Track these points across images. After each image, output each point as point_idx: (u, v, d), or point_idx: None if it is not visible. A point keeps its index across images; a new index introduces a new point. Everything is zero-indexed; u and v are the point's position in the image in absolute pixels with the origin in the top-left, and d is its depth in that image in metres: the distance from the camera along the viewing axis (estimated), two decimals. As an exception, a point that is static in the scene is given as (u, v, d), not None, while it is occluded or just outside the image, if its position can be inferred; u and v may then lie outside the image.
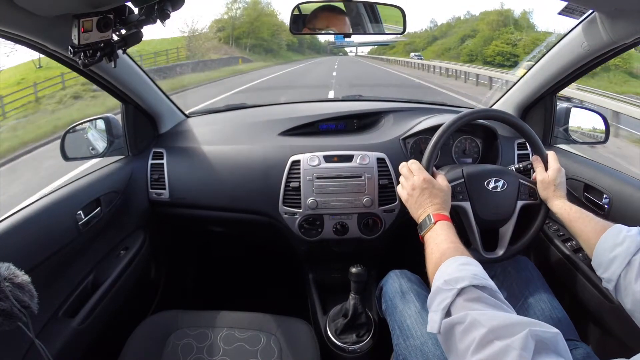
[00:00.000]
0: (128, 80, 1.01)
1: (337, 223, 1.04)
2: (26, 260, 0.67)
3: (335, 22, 0.94)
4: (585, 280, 0.89)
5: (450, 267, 0.56)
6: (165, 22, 0.65)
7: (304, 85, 12.43)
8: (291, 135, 1.19)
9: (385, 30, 0.96)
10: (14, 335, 0.56)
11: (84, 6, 0.56)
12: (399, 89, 12.08)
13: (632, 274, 0.59)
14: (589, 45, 0.85)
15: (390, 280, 0.90)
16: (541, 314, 0.78)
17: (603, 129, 1.11)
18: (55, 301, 0.80)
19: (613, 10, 0.73)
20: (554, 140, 1.17)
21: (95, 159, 1.09)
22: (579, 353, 0.70)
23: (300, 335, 0.86)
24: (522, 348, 0.39)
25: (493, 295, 0.50)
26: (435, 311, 0.52)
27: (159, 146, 1.17)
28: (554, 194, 0.79)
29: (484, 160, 1.14)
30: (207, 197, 1.12)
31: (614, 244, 0.63)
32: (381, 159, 1.05)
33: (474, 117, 0.86)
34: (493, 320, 0.43)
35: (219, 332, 0.86)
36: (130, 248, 1.04)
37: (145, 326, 0.87)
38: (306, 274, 1.23)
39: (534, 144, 0.86)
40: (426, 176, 0.76)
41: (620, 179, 0.91)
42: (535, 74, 1.09)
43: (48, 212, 0.80)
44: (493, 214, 0.84)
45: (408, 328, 0.77)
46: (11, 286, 0.54)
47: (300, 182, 1.03)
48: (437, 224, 0.68)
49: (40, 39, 0.66)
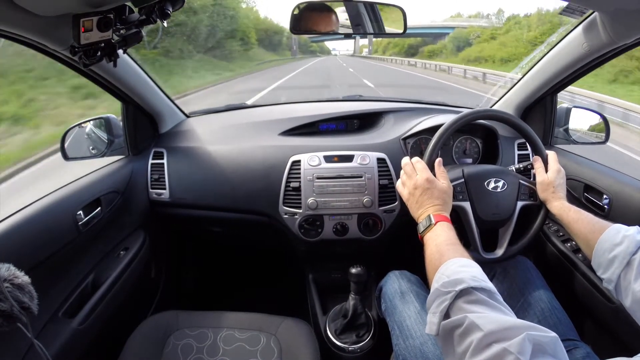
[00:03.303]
0: (128, 80, 1.01)
1: (337, 223, 1.04)
2: (26, 260, 0.67)
3: (335, 22, 0.94)
4: (585, 280, 0.89)
5: (450, 268, 0.56)
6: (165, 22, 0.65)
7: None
8: (291, 135, 1.19)
9: (386, 30, 0.96)
10: (13, 336, 0.55)
11: (84, 6, 0.56)
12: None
13: (631, 273, 0.59)
14: (589, 46, 0.85)
15: (390, 280, 0.90)
16: (541, 314, 0.78)
17: (603, 129, 1.11)
18: (55, 301, 0.80)
19: (613, 10, 0.73)
20: (554, 141, 1.17)
21: (95, 158, 1.09)
22: (579, 353, 0.71)
23: (300, 335, 0.85)
24: (519, 352, 0.39)
25: (492, 298, 0.50)
26: (433, 313, 0.52)
27: (159, 146, 1.17)
28: (554, 195, 0.79)
29: (484, 160, 1.14)
30: (208, 197, 1.12)
31: (613, 244, 0.63)
32: (381, 159, 1.05)
33: (474, 117, 0.86)
34: (491, 324, 0.43)
35: (219, 332, 0.86)
36: (130, 248, 1.04)
37: (145, 326, 0.87)
38: (306, 274, 1.23)
39: (534, 145, 0.86)
40: (429, 176, 0.75)
41: (620, 180, 0.91)
42: (535, 74, 1.09)
43: (48, 212, 0.80)
44: (493, 215, 0.84)
45: (407, 328, 0.77)
46: (11, 287, 0.54)
47: (300, 182, 1.03)
48: (437, 224, 0.68)
49: (40, 39, 0.66)
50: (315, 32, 0.94)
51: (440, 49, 34.56)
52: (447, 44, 34.13)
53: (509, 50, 21.23)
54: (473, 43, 28.04)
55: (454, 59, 25.34)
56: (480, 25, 33.69)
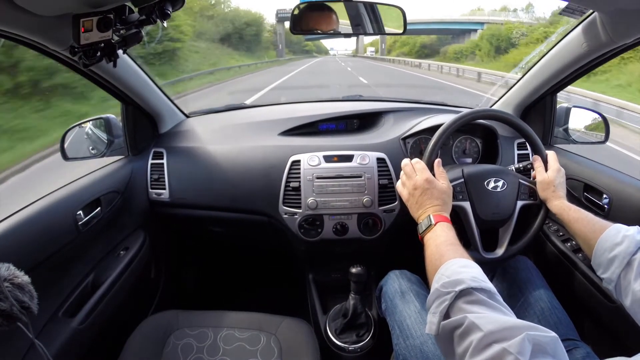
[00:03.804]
0: (128, 80, 1.01)
1: (337, 223, 1.04)
2: (26, 260, 0.67)
3: (335, 22, 0.94)
4: (585, 280, 0.89)
5: (449, 269, 0.56)
6: (165, 22, 0.65)
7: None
8: (291, 135, 1.19)
9: (386, 30, 0.96)
10: (13, 336, 0.55)
11: (84, 6, 0.56)
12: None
13: (631, 273, 0.59)
14: (589, 46, 0.85)
15: (390, 280, 0.90)
16: (541, 313, 0.78)
17: (603, 128, 1.11)
18: (55, 301, 0.80)
19: (613, 10, 0.73)
20: (554, 140, 1.17)
21: (95, 158, 1.09)
22: (579, 353, 0.71)
23: (300, 335, 0.85)
24: (519, 352, 0.39)
25: (491, 298, 0.50)
26: (433, 313, 0.52)
27: (159, 146, 1.17)
28: (554, 194, 0.79)
29: (484, 160, 1.14)
30: (207, 197, 1.12)
31: (613, 243, 0.63)
32: (381, 159, 1.05)
33: (474, 117, 0.86)
34: (490, 324, 0.43)
35: (219, 332, 0.86)
36: (130, 248, 1.04)
37: (145, 326, 0.87)
38: (306, 274, 1.23)
39: (533, 144, 0.86)
40: (428, 176, 0.75)
41: (620, 179, 0.91)
42: (535, 74, 1.09)
43: (48, 212, 0.80)
44: (493, 214, 0.84)
45: (408, 328, 0.77)
46: (11, 287, 0.54)
47: (300, 182, 1.03)
48: (437, 225, 0.68)
49: (40, 39, 0.66)
50: (315, 32, 0.94)
51: (471, 50, 26.48)
52: (480, 43, 25.45)
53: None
54: (517, 43, 21.04)
55: (494, 63, 18.96)
56: (521, 21, 25.89)
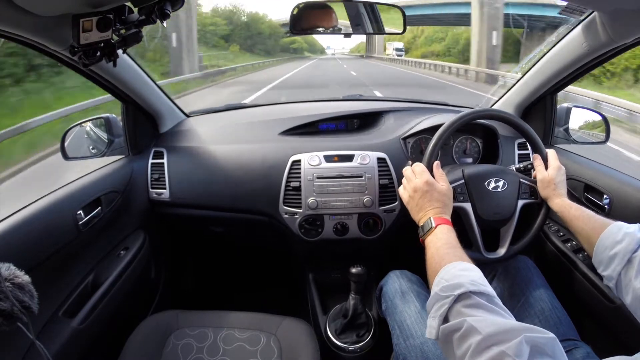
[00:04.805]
0: (128, 80, 1.01)
1: (338, 223, 1.04)
2: (26, 260, 0.67)
3: (335, 20, 0.94)
4: (585, 280, 0.89)
5: (449, 272, 0.56)
6: (165, 22, 0.65)
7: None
8: (292, 135, 1.19)
9: (386, 30, 0.97)
10: (14, 336, 0.55)
11: (84, 6, 0.56)
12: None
13: (632, 271, 0.59)
14: (589, 45, 0.85)
15: (390, 280, 0.90)
16: (541, 313, 0.79)
17: (604, 128, 1.11)
18: (55, 301, 0.80)
19: (613, 10, 0.73)
20: (555, 140, 1.17)
21: (95, 158, 1.09)
22: (579, 353, 0.71)
23: (300, 335, 0.85)
24: (516, 354, 0.39)
25: (490, 301, 0.50)
26: (433, 317, 0.53)
27: (159, 146, 1.17)
28: (554, 192, 0.79)
29: (485, 160, 1.14)
30: (208, 196, 1.12)
31: (614, 241, 0.63)
32: (382, 159, 1.05)
33: (474, 117, 0.86)
34: (489, 327, 0.44)
35: (219, 332, 0.86)
36: (130, 248, 1.04)
37: (145, 326, 0.87)
38: (306, 274, 1.23)
39: (533, 143, 0.86)
40: (428, 179, 0.75)
41: (621, 179, 0.91)
42: (535, 74, 1.09)
43: (48, 212, 0.80)
44: (494, 214, 0.83)
45: (408, 328, 0.77)
46: (11, 286, 0.54)
47: (300, 182, 1.03)
48: (437, 227, 0.67)
49: (40, 39, 0.66)
50: (314, 32, 0.94)
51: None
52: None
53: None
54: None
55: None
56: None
